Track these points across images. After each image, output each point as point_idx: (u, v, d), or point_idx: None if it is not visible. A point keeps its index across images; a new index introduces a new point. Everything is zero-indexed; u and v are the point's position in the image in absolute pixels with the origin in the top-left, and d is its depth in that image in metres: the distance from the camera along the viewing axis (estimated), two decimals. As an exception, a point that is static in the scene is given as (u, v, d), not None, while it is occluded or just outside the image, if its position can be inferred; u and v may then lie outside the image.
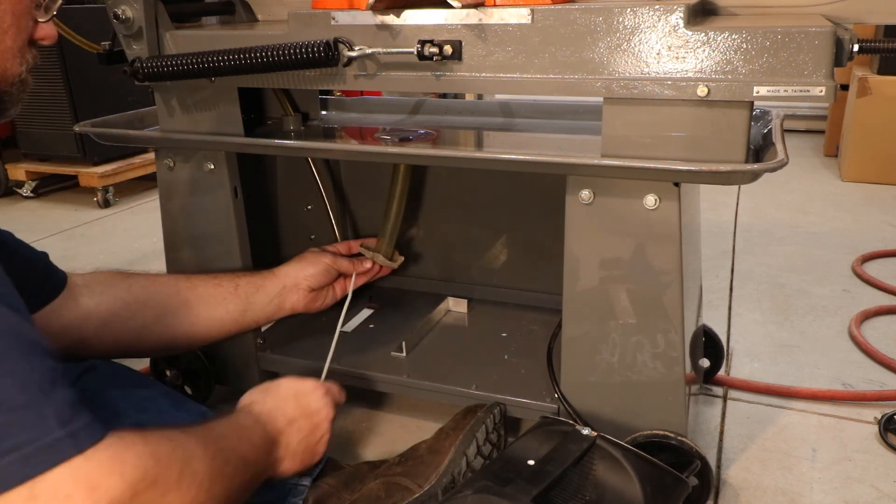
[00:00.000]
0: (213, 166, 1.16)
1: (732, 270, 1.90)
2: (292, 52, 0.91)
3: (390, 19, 0.93)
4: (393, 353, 1.21)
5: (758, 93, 0.80)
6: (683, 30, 0.82)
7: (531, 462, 0.83)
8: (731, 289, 1.79)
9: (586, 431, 0.88)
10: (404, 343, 1.21)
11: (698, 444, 0.98)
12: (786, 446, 1.19)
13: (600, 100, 0.88)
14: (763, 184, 2.43)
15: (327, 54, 0.91)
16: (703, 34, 0.81)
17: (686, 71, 0.83)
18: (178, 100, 1.11)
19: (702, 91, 0.82)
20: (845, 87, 2.84)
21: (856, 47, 0.87)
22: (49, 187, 2.86)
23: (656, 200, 0.90)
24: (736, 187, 2.46)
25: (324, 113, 1.39)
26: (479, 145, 1.18)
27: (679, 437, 0.96)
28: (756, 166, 0.82)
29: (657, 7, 0.82)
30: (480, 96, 2.55)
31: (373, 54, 0.94)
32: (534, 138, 1.18)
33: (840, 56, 0.83)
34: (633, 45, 0.84)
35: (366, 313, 1.39)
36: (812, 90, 0.79)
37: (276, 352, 1.25)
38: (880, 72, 2.59)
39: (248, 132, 1.12)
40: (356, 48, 0.93)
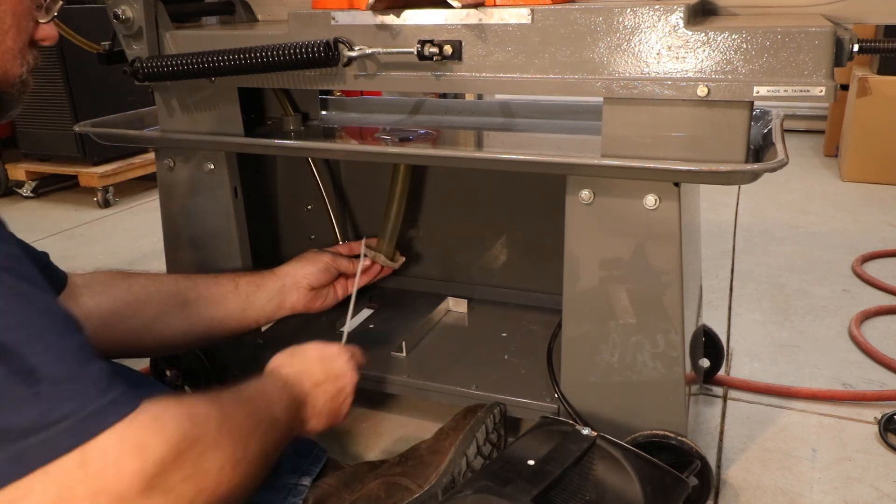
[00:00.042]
0: (213, 166, 1.16)
1: (732, 270, 1.90)
2: (292, 52, 0.91)
3: (390, 19, 0.93)
4: (393, 353, 1.21)
5: (758, 93, 0.80)
6: (683, 30, 0.82)
7: (531, 462, 0.83)
8: (731, 289, 1.79)
9: (586, 431, 0.88)
10: (404, 343, 1.21)
11: (698, 444, 0.98)
12: (786, 446, 1.19)
13: (600, 100, 0.88)
14: (763, 184, 2.43)
15: (327, 54, 0.91)
16: (703, 34, 0.81)
17: (686, 71, 0.83)
18: (178, 100, 1.11)
19: (702, 91, 0.82)
20: (845, 87, 2.84)
21: (856, 47, 0.87)
22: (49, 187, 2.86)
23: (656, 200, 0.90)
24: (736, 187, 2.46)
25: (324, 113, 1.39)
26: (479, 145, 1.18)
27: (679, 437, 0.96)
28: (756, 166, 0.82)
29: (657, 7, 0.82)
30: (480, 96, 2.55)
31: (373, 54, 0.94)
32: (534, 138, 1.18)
33: (840, 56, 0.83)
34: (633, 45, 0.84)
35: (366, 313, 1.39)
36: (812, 90, 0.79)
37: (276, 352, 1.24)
38: (880, 72, 2.59)
39: (248, 132, 1.12)
40: (356, 48, 0.93)
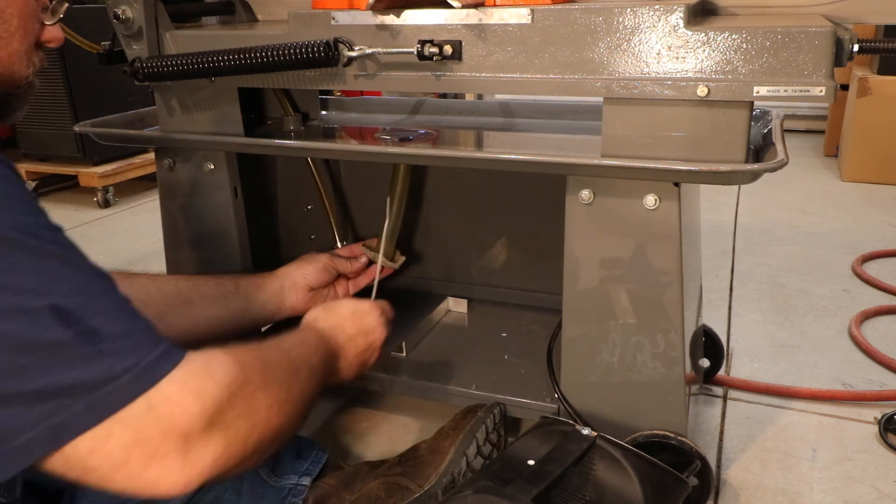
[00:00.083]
0: (213, 166, 1.16)
1: (732, 270, 1.90)
2: (292, 52, 0.91)
3: (390, 19, 0.93)
4: (393, 353, 1.20)
5: (758, 93, 0.80)
6: (683, 30, 0.82)
7: (531, 462, 0.83)
8: (731, 289, 1.79)
9: (586, 431, 0.88)
10: (404, 343, 1.21)
11: (698, 444, 0.98)
12: (786, 446, 1.19)
13: (600, 100, 0.88)
14: (763, 184, 2.42)
15: (327, 54, 0.91)
16: (703, 34, 0.81)
17: (686, 71, 0.83)
18: (178, 100, 1.11)
19: (702, 91, 0.82)
20: (845, 87, 2.84)
21: (856, 47, 0.87)
22: (49, 187, 2.86)
23: (656, 200, 0.90)
24: (736, 187, 2.46)
25: (324, 113, 1.39)
26: (479, 145, 1.18)
27: (679, 437, 0.96)
28: (756, 166, 0.82)
29: (657, 7, 0.82)
30: (480, 96, 2.55)
31: (373, 54, 0.94)
32: (534, 138, 1.18)
33: (840, 56, 0.83)
34: (633, 45, 0.84)
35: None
36: (812, 90, 0.79)
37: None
38: (880, 72, 2.59)
39: (248, 132, 1.12)
40: (356, 48, 0.93)
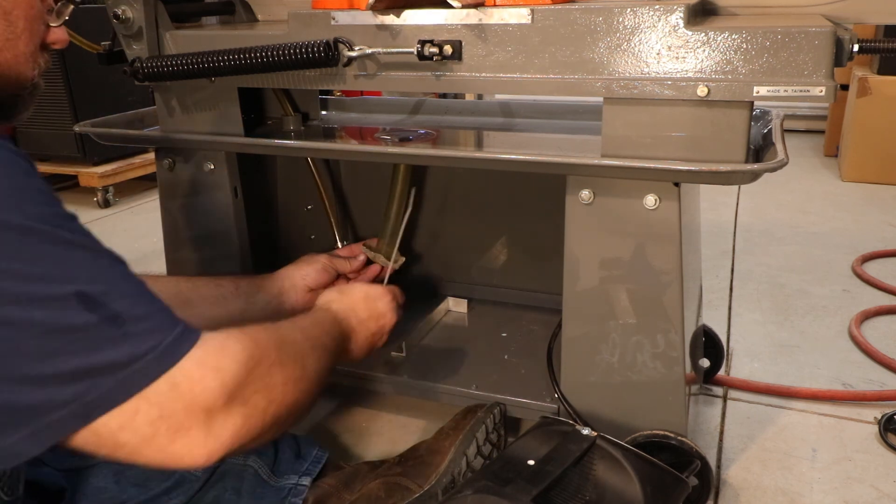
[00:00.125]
0: (213, 166, 1.16)
1: (732, 270, 1.90)
2: (292, 52, 0.91)
3: (390, 19, 0.93)
4: (393, 353, 1.20)
5: (758, 93, 0.80)
6: (683, 30, 0.82)
7: (531, 462, 0.83)
8: (731, 289, 1.79)
9: (586, 431, 0.88)
10: (404, 343, 1.21)
11: (698, 444, 0.98)
12: (786, 446, 1.19)
13: (600, 100, 0.88)
14: (763, 184, 2.42)
15: (327, 54, 0.91)
16: (703, 34, 0.81)
17: (686, 71, 0.83)
18: (178, 100, 1.11)
19: (702, 91, 0.82)
20: (845, 87, 2.84)
21: (856, 47, 0.87)
22: (49, 187, 2.86)
23: (656, 200, 0.90)
24: (736, 187, 2.46)
25: (324, 113, 1.39)
26: (479, 145, 1.18)
27: (679, 437, 0.96)
28: (756, 166, 0.82)
29: (657, 7, 0.82)
30: (480, 96, 2.55)
31: (373, 54, 0.94)
32: (534, 138, 1.18)
33: (840, 56, 0.83)
34: (633, 45, 0.84)
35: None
36: (812, 90, 0.79)
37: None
38: (880, 72, 2.59)
39: (248, 132, 1.12)
40: (356, 48, 0.93)
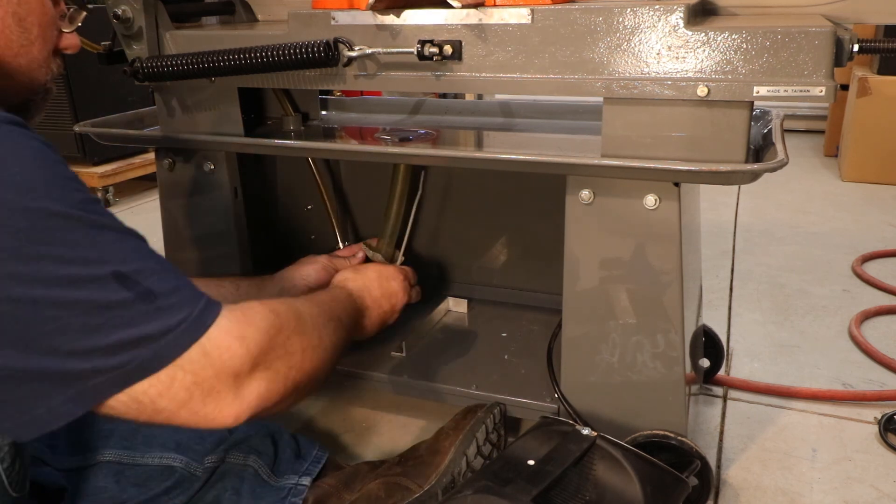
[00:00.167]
0: (213, 166, 1.16)
1: (732, 270, 1.90)
2: (292, 52, 0.91)
3: (390, 19, 0.93)
4: (393, 353, 1.20)
5: (758, 93, 0.80)
6: (683, 30, 0.82)
7: (531, 462, 0.83)
8: (731, 289, 1.79)
9: (586, 431, 0.88)
10: (404, 343, 1.21)
11: (698, 444, 0.98)
12: (786, 446, 1.19)
13: (600, 100, 0.88)
14: (763, 184, 2.43)
15: (327, 54, 0.91)
16: (703, 34, 0.81)
17: (686, 71, 0.83)
18: (178, 100, 1.11)
19: (702, 91, 0.82)
20: (845, 87, 2.84)
21: (856, 47, 0.87)
22: (49, 187, 2.86)
23: (656, 200, 0.90)
24: (736, 187, 2.46)
25: (324, 113, 1.39)
26: (479, 145, 1.18)
27: (679, 437, 0.96)
28: (756, 166, 0.82)
29: (657, 7, 0.82)
30: (480, 96, 2.55)
31: (373, 54, 0.94)
32: (534, 138, 1.18)
33: (840, 56, 0.83)
34: (633, 45, 0.84)
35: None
36: (812, 90, 0.79)
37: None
38: (880, 72, 2.59)
39: (248, 132, 1.12)
40: (356, 48, 0.93)
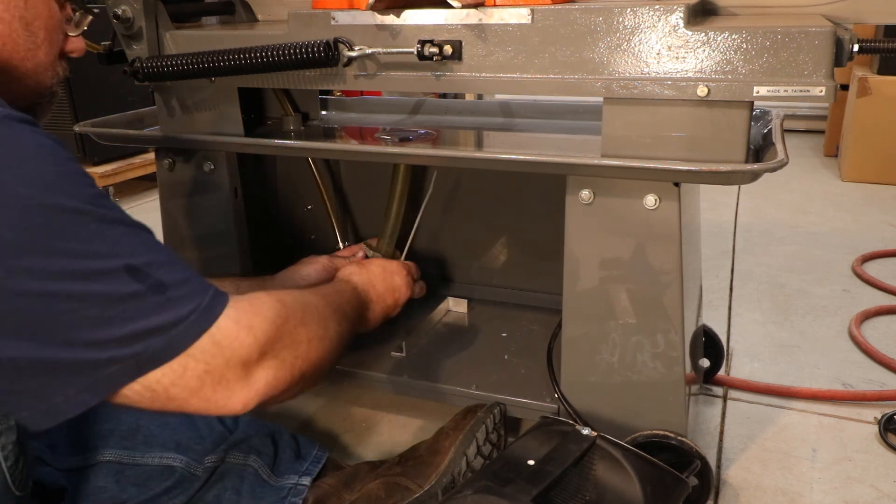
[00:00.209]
0: (212, 166, 1.16)
1: (732, 270, 1.90)
2: (292, 52, 0.91)
3: (390, 19, 0.93)
4: (393, 353, 1.20)
5: (758, 93, 0.80)
6: (683, 30, 0.82)
7: (531, 462, 0.83)
8: (731, 289, 1.79)
9: (586, 431, 0.88)
10: (404, 343, 1.21)
11: (698, 444, 0.98)
12: (786, 446, 1.19)
13: (600, 100, 0.88)
14: (763, 184, 2.43)
15: (327, 54, 0.91)
16: (703, 34, 0.81)
17: (686, 71, 0.83)
18: (178, 100, 1.11)
19: (702, 91, 0.82)
20: (845, 87, 2.84)
21: (856, 47, 0.87)
22: (49, 187, 2.85)
23: (656, 200, 0.90)
24: (736, 187, 2.46)
25: (324, 113, 1.39)
26: (479, 145, 1.18)
27: (679, 437, 0.96)
28: (756, 166, 0.82)
29: (657, 7, 0.82)
30: (480, 96, 2.55)
31: (373, 54, 0.94)
32: (534, 138, 1.18)
33: (840, 56, 0.83)
34: (633, 45, 0.84)
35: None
36: (812, 90, 0.79)
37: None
38: (880, 72, 2.59)
39: (248, 132, 1.12)
40: (356, 48, 0.93)
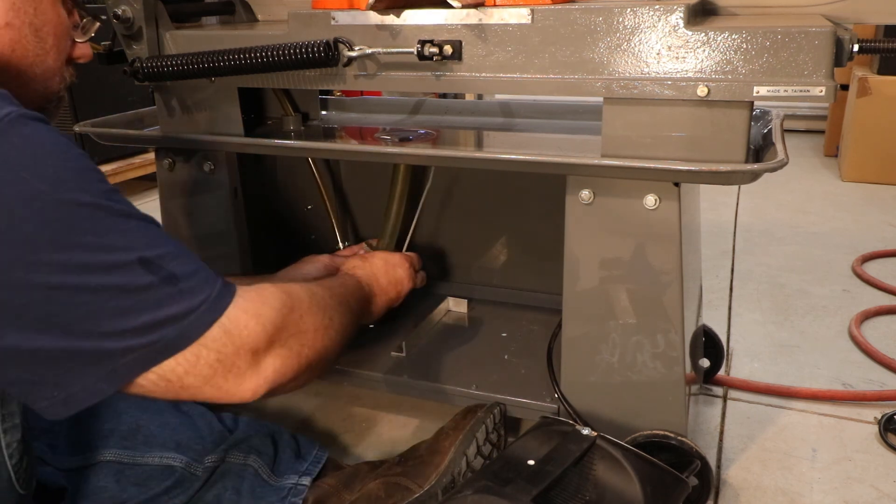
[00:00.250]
0: (213, 166, 1.16)
1: (732, 270, 1.90)
2: (292, 52, 0.91)
3: (390, 19, 0.93)
4: (393, 353, 1.20)
5: (758, 93, 0.80)
6: (683, 30, 0.82)
7: (531, 462, 0.83)
8: (731, 289, 1.79)
9: (586, 431, 0.88)
10: (404, 343, 1.21)
11: (698, 444, 0.98)
12: (786, 446, 1.19)
13: (600, 100, 0.88)
14: (763, 184, 2.43)
15: (327, 54, 0.91)
16: (703, 34, 0.81)
17: (686, 71, 0.83)
18: (178, 100, 1.11)
19: (702, 91, 0.82)
20: (845, 87, 2.84)
21: (856, 47, 0.87)
22: (49, 187, 2.85)
23: (656, 200, 0.90)
24: (736, 187, 2.46)
25: (324, 113, 1.39)
26: (479, 145, 1.18)
27: (679, 437, 0.96)
28: (756, 166, 0.82)
29: (657, 7, 0.82)
30: (480, 96, 2.55)
31: (373, 54, 0.94)
32: (534, 138, 1.18)
33: (840, 56, 0.83)
34: (633, 45, 0.84)
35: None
36: (812, 90, 0.79)
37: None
38: (880, 72, 2.59)
39: (248, 132, 1.12)
40: (356, 48, 0.93)
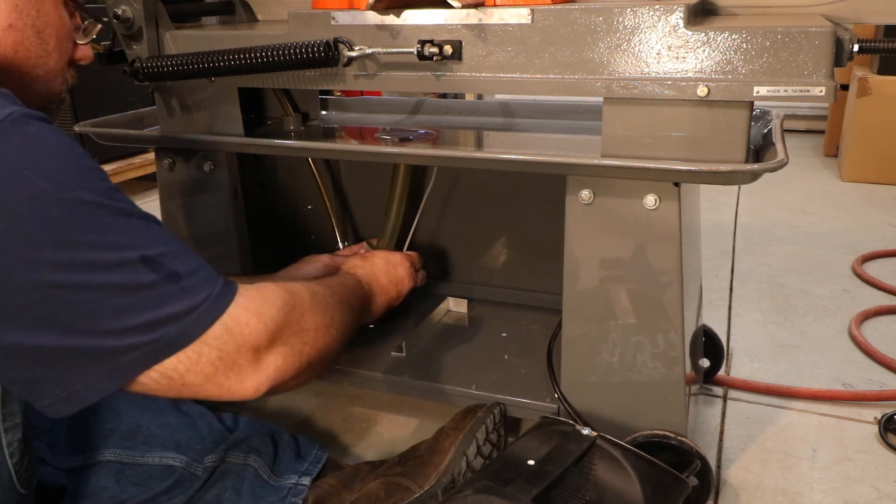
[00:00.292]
0: (212, 166, 1.16)
1: (732, 270, 1.90)
2: (292, 52, 0.91)
3: (390, 19, 0.93)
4: (393, 353, 1.20)
5: (758, 93, 0.80)
6: (683, 30, 0.82)
7: (531, 462, 0.83)
8: (731, 289, 1.79)
9: (586, 431, 0.88)
10: (404, 343, 1.21)
11: (698, 444, 0.98)
12: (786, 446, 1.19)
13: (600, 100, 0.88)
14: (763, 184, 2.43)
15: (327, 54, 0.91)
16: (703, 34, 0.81)
17: (686, 71, 0.83)
18: (178, 100, 1.11)
19: (702, 91, 0.82)
20: (845, 87, 2.84)
21: (856, 47, 0.87)
22: (49, 187, 2.85)
23: (656, 200, 0.90)
24: (736, 187, 2.46)
25: (324, 113, 1.39)
26: (479, 145, 1.18)
27: (679, 437, 0.96)
28: (756, 166, 0.82)
29: (657, 7, 0.82)
30: (480, 96, 2.55)
31: (373, 54, 0.94)
32: (534, 138, 1.18)
33: (840, 56, 0.83)
34: (633, 45, 0.84)
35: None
36: (812, 90, 0.79)
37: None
38: (880, 72, 2.59)
39: (248, 132, 1.12)
40: (356, 48, 0.93)
